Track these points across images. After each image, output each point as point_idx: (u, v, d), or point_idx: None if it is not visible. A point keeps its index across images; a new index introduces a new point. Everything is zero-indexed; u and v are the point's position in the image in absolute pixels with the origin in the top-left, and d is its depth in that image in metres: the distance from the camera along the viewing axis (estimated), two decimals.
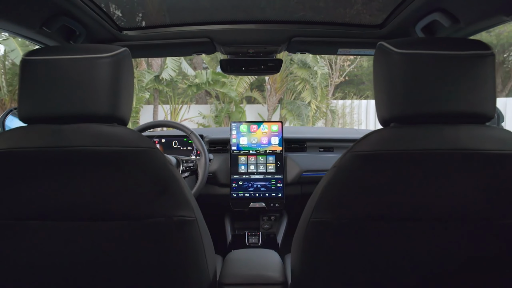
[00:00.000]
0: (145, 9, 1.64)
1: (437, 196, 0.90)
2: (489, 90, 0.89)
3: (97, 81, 0.93)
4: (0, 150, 0.91)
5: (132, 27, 1.68)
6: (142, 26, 1.69)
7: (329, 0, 1.61)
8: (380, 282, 1.02)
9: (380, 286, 1.03)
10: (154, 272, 1.02)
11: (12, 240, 0.97)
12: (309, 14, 1.66)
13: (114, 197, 0.93)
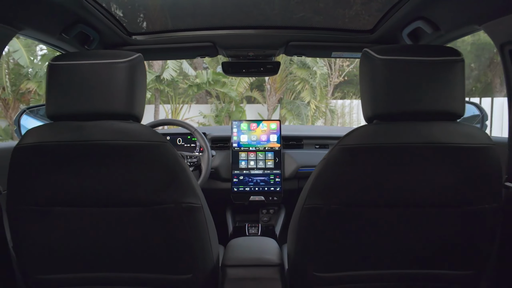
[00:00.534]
0: (153, 16, 1.76)
1: (413, 184, 1.03)
2: (459, 92, 1.02)
3: (115, 83, 1.06)
4: (29, 144, 1.04)
5: (141, 32, 1.81)
6: (150, 31, 1.82)
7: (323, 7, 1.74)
8: (365, 261, 1.15)
9: (365, 265, 1.16)
10: (164, 253, 1.15)
11: (39, 225, 1.10)
12: (304, 20, 1.79)
13: (130, 185, 1.06)
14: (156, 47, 1.87)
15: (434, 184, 1.02)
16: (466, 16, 1.27)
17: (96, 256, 1.15)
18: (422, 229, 1.09)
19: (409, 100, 1.02)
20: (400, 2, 1.43)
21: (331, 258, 1.15)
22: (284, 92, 12.36)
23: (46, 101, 1.09)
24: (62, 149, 1.04)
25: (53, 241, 1.13)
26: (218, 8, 1.68)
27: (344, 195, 1.06)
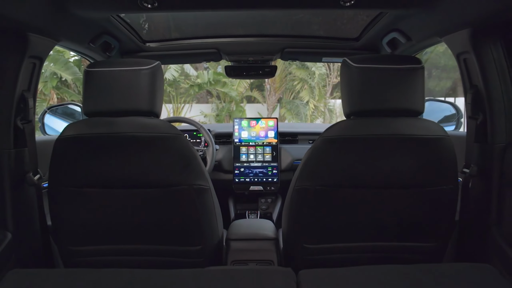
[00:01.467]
0: (164, 25, 2.00)
1: (383, 169, 1.27)
2: (419, 93, 1.26)
3: (139, 86, 1.30)
4: (69, 136, 1.28)
5: (153, 40, 2.04)
6: (161, 39, 2.06)
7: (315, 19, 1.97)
8: (345, 234, 1.38)
9: (346, 238, 1.39)
10: (179, 228, 1.38)
11: (74, 204, 1.33)
12: (298, 30, 2.03)
13: (152, 170, 1.29)
14: (167, 53, 2.11)
15: (399, 168, 1.26)
16: (430, 30, 1.51)
17: (121, 230, 1.38)
18: (391, 207, 1.33)
19: (378, 100, 1.25)
20: (379, 16, 1.67)
21: (317, 232, 1.39)
22: (283, 92, 12.58)
23: (83, 100, 1.32)
24: (97, 140, 1.28)
25: (85, 218, 1.36)
26: (221, 19, 1.92)
27: (327, 177, 1.29)
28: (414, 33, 1.62)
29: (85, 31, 1.61)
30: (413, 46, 1.72)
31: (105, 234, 1.39)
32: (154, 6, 1.31)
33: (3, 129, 1.34)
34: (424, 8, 1.35)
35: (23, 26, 1.26)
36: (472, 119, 1.40)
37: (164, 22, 1.97)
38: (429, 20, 1.45)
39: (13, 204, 1.37)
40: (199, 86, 11.02)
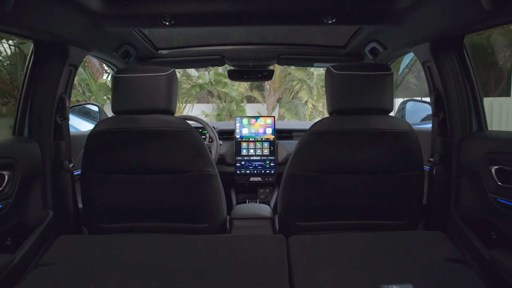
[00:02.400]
0: (174, 35, 2.28)
1: (359, 157, 1.54)
2: (388, 95, 1.53)
3: (158, 89, 1.57)
4: (100, 130, 1.56)
5: (165, 47, 2.32)
6: (172, 47, 2.33)
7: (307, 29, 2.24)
8: (330, 213, 1.64)
9: (330, 216, 1.65)
10: (190, 208, 1.65)
11: (103, 187, 1.60)
12: (292, 38, 2.31)
13: (168, 158, 1.57)
14: (176, 59, 2.39)
15: (373, 157, 1.54)
16: (401, 42, 1.80)
17: (140, 210, 1.65)
18: (368, 190, 1.60)
19: (355, 101, 1.53)
20: (360, 29, 1.95)
21: (307, 211, 1.66)
22: (282, 92, 12.86)
23: (112, 101, 1.60)
24: (123, 133, 1.55)
25: (111, 200, 1.62)
26: (225, 30, 2.19)
27: (314, 164, 1.57)
28: (388, 43, 1.90)
29: (111, 43, 1.90)
30: (389, 54, 2.01)
31: (127, 213, 1.66)
32: (171, 24, 1.59)
33: (46, 125, 1.62)
34: (393, 25, 1.63)
35: (66, 40, 1.54)
36: (435, 117, 1.68)
37: (174, 32, 2.24)
38: (398, 34, 1.73)
39: (53, 188, 1.65)
40: (200, 86, 11.29)
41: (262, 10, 1.54)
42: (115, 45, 1.95)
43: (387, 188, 1.59)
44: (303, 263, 1.24)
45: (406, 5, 1.46)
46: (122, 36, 1.90)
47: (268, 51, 2.33)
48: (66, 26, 1.46)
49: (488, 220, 1.44)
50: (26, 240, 1.46)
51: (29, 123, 1.61)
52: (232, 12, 1.56)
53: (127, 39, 1.97)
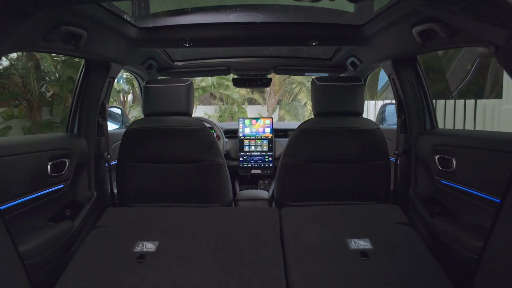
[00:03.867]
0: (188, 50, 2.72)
1: (337, 150, 1.98)
2: (360, 100, 1.97)
3: (179, 96, 2.02)
4: (134, 128, 2.00)
5: (180, 60, 2.77)
6: (186, 59, 2.78)
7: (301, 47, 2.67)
8: (317, 195, 2.07)
9: (317, 198, 2.07)
10: (203, 191, 2.09)
11: (134, 174, 2.04)
12: (287, 53, 2.75)
13: (187, 151, 2.01)
14: (190, 70, 2.84)
15: (348, 149, 1.98)
16: (371, 58, 2.25)
17: (164, 193, 2.08)
18: (346, 176, 2.03)
19: (333, 105, 1.98)
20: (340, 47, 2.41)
21: (296, 194, 2.09)
22: (282, 94, 13.30)
23: (143, 106, 2.05)
24: (152, 131, 2.00)
25: (141, 184, 2.06)
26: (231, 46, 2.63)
27: (301, 155, 2.00)
28: (363, 59, 2.35)
29: (140, 58, 2.35)
30: (365, 67, 2.46)
31: (153, 195, 2.09)
32: (190, 45, 2.04)
33: (91, 124, 2.06)
34: (363, 46, 2.08)
35: (109, 58, 1.99)
36: (398, 118, 2.12)
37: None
38: (369, 52, 2.18)
39: (95, 174, 2.10)
40: (203, 89, 11.74)
41: (261, 34, 1.99)
42: (143, 59, 2.40)
43: (360, 174, 2.03)
44: (290, 225, 1.68)
45: (371, 33, 1.91)
46: (148, 53, 2.35)
47: (266, 62, 2.79)
48: (110, 48, 1.91)
49: (434, 197, 1.88)
50: (80, 212, 1.90)
51: (79, 123, 2.06)
52: (237, 37, 2.01)
53: (151, 55, 2.42)
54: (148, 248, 1.52)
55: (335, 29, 1.97)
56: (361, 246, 1.52)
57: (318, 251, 1.50)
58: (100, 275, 1.38)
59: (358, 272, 1.38)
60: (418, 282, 1.33)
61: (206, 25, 1.98)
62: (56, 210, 1.82)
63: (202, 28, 1.98)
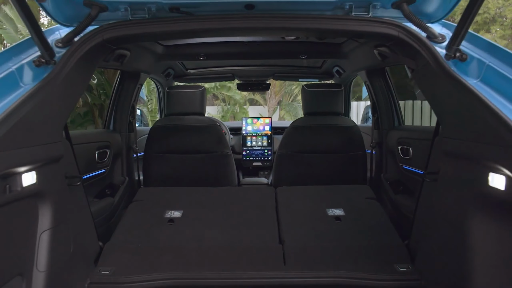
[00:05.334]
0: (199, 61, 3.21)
1: (322, 143, 2.47)
2: (340, 103, 2.48)
3: (195, 99, 2.52)
4: (159, 125, 2.50)
5: (192, 68, 3.27)
6: (197, 68, 3.28)
7: None
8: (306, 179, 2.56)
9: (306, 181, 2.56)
10: (214, 177, 2.58)
11: (157, 163, 2.54)
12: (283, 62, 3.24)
13: (201, 143, 2.51)
14: (200, 76, 3.34)
15: (331, 142, 2.47)
16: (350, 68, 2.74)
17: (182, 178, 2.57)
18: (330, 164, 2.52)
19: (318, 106, 2.48)
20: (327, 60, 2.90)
21: (290, 178, 2.58)
22: (283, 95, 13.79)
23: (166, 107, 2.55)
24: (173, 127, 2.50)
25: (163, 171, 2.55)
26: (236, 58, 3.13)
27: (293, 147, 2.50)
28: (345, 68, 2.85)
29: (162, 68, 2.86)
30: (348, 74, 2.95)
31: (172, 180, 2.58)
32: (204, 59, 2.54)
33: (124, 122, 2.56)
34: (342, 59, 2.57)
35: (139, 70, 2.49)
36: (373, 117, 2.61)
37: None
38: (348, 64, 2.68)
39: (127, 162, 2.59)
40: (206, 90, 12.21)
41: (261, 50, 2.49)
42: (163, 69, 2.91)
43: (341, 163, 2.52)
44: (283, 199, 2.17)
45: (348, 49, 2.41)
46: (168, 64, 2.86)
47: (266, 70, 3.29)
48: (142, 62, 2.41)
49: (399, 180, 2.36)
50: (117, 192, 2.38)
51: (114, 121, 2.55)
52: (242, 52, 2.51)
53: (170, 65, 2.92)
54: (175, 215, 2.02)
55: (319, 46, 2.47)
56: (336, 213, 2.01)
57: (303, 217, 1.99)
58: (141, 232, 1.87)
59: (333, 230, 1.88)
60: (375, 236, 1.82)
61: (216, 43, 2.48)
62: (99, 190, 2.31)
63: (214, 45, 2.47)
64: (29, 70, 1.25)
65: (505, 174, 1.00)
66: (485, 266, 1.16)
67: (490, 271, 1.15)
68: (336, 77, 3.18)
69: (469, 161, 1.21)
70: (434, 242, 1.46)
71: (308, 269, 1.60)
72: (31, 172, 1.19)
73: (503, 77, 1.13)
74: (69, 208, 1.46)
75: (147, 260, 1.67)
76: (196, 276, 1.58)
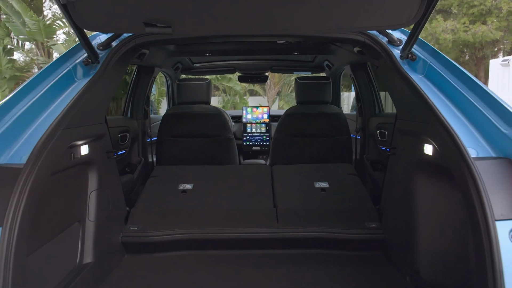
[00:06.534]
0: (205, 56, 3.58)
1: (312, 127, 2.86)
2: (328, 93, 2.86)
3: (202, 90, 2.91)
4: (170, 113, 2.90)
5: (198, 62, 3.64)
6: (202, 62, 3.65)
7: None
8: (298, 157, 2.96)
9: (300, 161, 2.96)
10: (219, 157, 2.98)
11: (169, 146, 2.93)
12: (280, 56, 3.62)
13: (208, 129, 2.90)
14: (205, 70, 3.72)
15: (320, 127, 2.86)
16: (337, 63, 3.12)
17: (190, 158, 2.97)
18: (319, 147, 2.92)
19: (309, 96, 2.86)
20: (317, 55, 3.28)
21: (285, 158, 2.98)
22: (282, 86, 14.14)
23: (177, 97, 2.93)
24: (183, 115, 2.89)
25: (173, 152, 2.95)
26: None
27: (287, 131, 2.89)
28: (333, 62, 3.23)
29: (172, 62, 3.24)
30: (337, 68, 3.33)
31: (183, 160, 2.98)
32: (209, 55, 2.92)
33: (140, 110, 2.94)
34: (330, 55, 2.95)
35: (154, 65, 2.87)
36: (357, 105, 2.99)
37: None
38: (335, 59, 3.06)
39: (142, 145, 2.98)
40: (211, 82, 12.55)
41: (260, 48, 2.86)
42: (173, 63, 3.29)
43: (328, 146, 2.91)
44: (278, 174, 2.57)
45: (333, 47, 2.78)
46: (178, 59, 3.23)
47: (264, 64, 3.66)
48: (157, 58, 2.79)
49: (378, 159, 2.76)
50: (135, 170, 2.78)
51: (131, 109, 2.94)
52: (243, 49, 2.88)
53: (180, 60, 3.30)
54: (187, 187, 2.42)
55: (310, 44, 2.84)
56: (322, 186, 2.41)
57: (294, 188, 2.40)
58: (160, 200, 2.28)
59: (318, 198, 2.28)
60: (352, 202, 2.23)
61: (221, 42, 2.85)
62: (120, 168, 2.71)
63: (218, 43, 2.85)
64: (80, 68, 1.63)
65: (431, 143, 1.39)
66: (425, 215, 1.55)
67: (428, 219, 1.55)
68: (327, 70, 3.55)
69: (412, 136, 1.60)
70: (393, 202, 1.86)
71: (296, 226, 2.01)
72: (85, 145, 1.59)
73: (439, 74, 1.51)
74: (108, 176, 1.85)
75: (166, 220, 2.07)
76: (206, 232, 1.99)
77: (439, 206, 1.48)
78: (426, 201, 1.54)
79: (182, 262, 1.92)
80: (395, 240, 1.85)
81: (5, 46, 9.68)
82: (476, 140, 1.25)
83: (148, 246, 1.98)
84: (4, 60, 9.15)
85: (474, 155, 1.19)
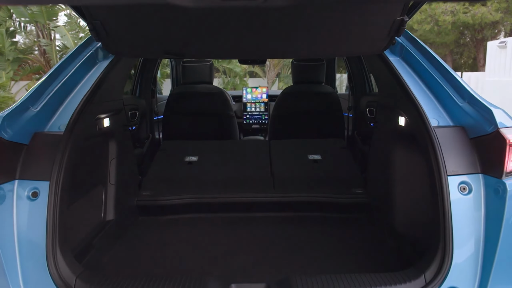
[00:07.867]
0: None
1: (307, 105, 3.10)
2: (322, 73, 3.08)
3: (205, 71, 3.15)
4: (176, 92, 3.14)
5: None
6: None
7: None
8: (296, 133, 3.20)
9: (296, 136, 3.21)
10: (221, 133, 3.22)
11: (177, 122, 3.18)
12: None
13: (210, 106, 3.15)
14: None
15: (315, 105, 3.10)
16: None
17: (194, 134, 3.21)
18: (313, 123, 3.16)
19: (304, 76, 3.10)
20: None
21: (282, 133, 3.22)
22: (281, 67, 14.26)
23: (182, 77, 3.16)
24: (188, 94, 3.13)
25: (178, 129, 3.19)
26: None
27: (285, 109, 3.14)
28: None
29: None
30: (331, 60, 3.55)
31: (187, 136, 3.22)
32: None
33: (147, 89, 3.17)
34: None
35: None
36: (349, 84, 3.22)
37: None
38: None
39: (150, 122, 3.23)
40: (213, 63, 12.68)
41: None
42: None
43: (322, 123, 3.16)
44: (275, 148, 2.83)
45: None
46: None
47: None
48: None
49: (367, 134, 3.01)
50: (145, 145, 3.03)
51: (140, 89, 3.17)
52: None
53: None
54: (193, 159, 2.68)
55: None
56: (315, 158, 2.67)
57: (289, 159, 2.66)
58: (169, 169, 2.54)
59: (310, 168, 2.54)
60: (341, 171, 2.49)
61: None
62: None
63: None
64: (100, 51, 1.86)
65: (404, 116, 1.64)
66: (400, 179, 1.82)
67: (402, 182, 1.81)
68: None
69: (390, 110, 1.85)
70: (375, 169, 2.13)
71: (290, 192, 2.28)
72: (107, 118, 1.84)
73: (413, 56, 1.74)
74: (124, 146, 2.11)
75: (175, 187, 2.34)
76: (211, 196, 2.26)
77: (410, 170, 1.74)
78: (400, 167, 1.80)
79: (189, 223, 2.19)
80: (377, 202, 2.12)
81: (8, 28, 9.81)
82: (438, 112, 1.50)
83: (159, 209, 2.26)
84: (8, 43, 9.29)
85: (435, 124, 1.44)
